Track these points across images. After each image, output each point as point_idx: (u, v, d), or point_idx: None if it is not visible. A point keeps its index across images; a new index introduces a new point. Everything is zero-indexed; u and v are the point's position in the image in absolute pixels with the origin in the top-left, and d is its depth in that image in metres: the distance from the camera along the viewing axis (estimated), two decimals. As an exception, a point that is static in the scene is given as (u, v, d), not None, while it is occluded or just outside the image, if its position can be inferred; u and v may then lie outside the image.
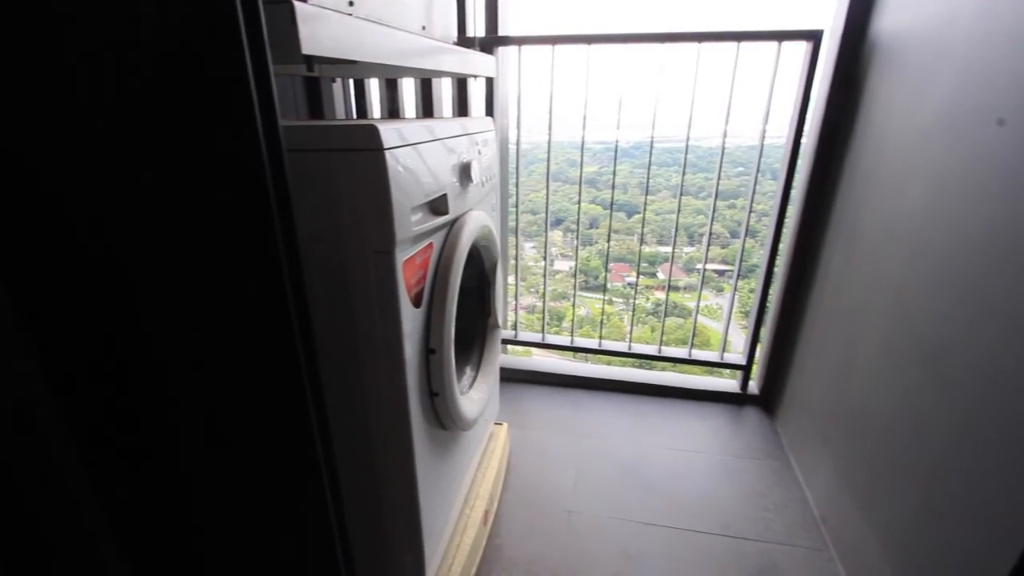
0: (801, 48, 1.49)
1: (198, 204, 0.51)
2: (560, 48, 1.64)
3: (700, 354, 1.97)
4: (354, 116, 1.72)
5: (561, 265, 4.62)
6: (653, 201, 3.87)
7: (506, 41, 1.65)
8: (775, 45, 1.51)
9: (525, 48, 1.67)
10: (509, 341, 2.13)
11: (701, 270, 1.98)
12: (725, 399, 1.91)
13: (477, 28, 1.65)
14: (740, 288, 1.95)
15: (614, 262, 4.27)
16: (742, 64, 1.55)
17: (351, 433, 0.84)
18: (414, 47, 0.93)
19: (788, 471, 1.55)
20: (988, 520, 0.80)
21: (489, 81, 1.68)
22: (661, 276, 4.73)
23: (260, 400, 0.59)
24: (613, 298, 4.16)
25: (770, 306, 1.80)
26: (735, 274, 1.86)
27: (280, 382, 0.57)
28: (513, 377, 2.03)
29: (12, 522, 0.63)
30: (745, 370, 1.89)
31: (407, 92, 1.72)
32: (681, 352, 1.99)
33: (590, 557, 1.27)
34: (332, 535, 0.66)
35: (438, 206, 0.86)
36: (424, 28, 1.09)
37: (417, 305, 0.82)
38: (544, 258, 2.12)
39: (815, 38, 1.45)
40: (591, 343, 2.05)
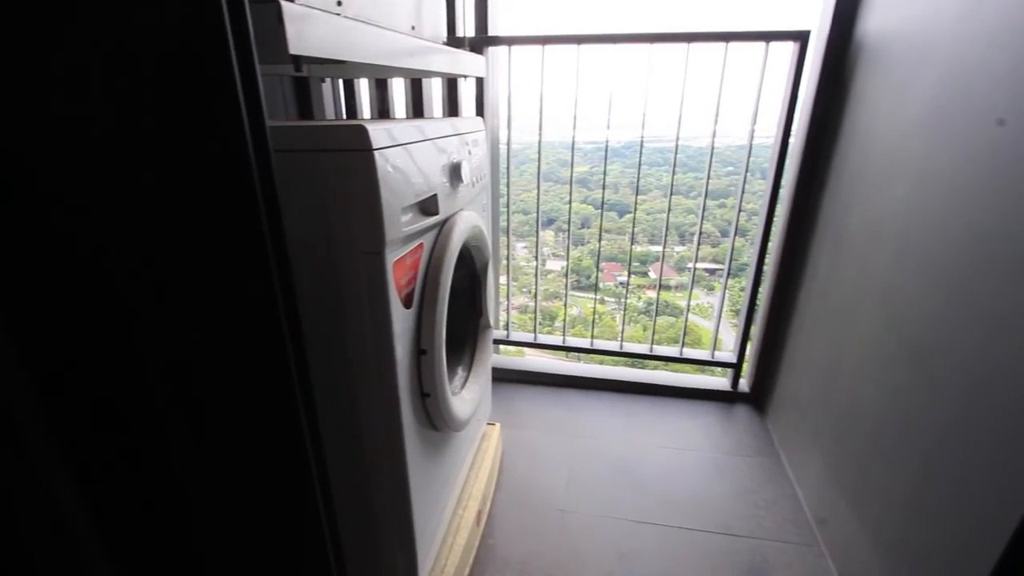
0: (788, 48, 1.50)
1: (184, 205, 0.50)
2: (550, 48, 1.64)
3: (691, 353, 1.98)
4: (344, 116, 1.72)
5: (553, 265, 4.63)
6: (644, 201, 3.89)
7: (496, 41, 1.65)
8: (763, 45, 1.52)
9: (515, 48, 1.67)
10: (501, 341, 2.13)
11: (692, 269, 1.99)
12: (716, 397, 1.93)
13: (467, 28, 1.65)
14: (731, 287, 1.96)
15: (606, 261, 4.29)
16: (731, 64, 1.56)
17: (342, 435, 0.83)
18: (403, 47, 0.93)
19: (779, 468, 1.56)
20: (975, 517, 0.81)
21: (479, 81, 1.68)
22: (652, 275, 4.75)
23: (249, 401, 0.59)
24: (605, 297, 4.18)
25: (760, 305, 1.81)
26: (725, 273, 1.87)
27: (269, 383, 0.57)
28: (506, 377, 2.03)
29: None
30: (736, 368, 1.91)
31: (397, 92, 1.72)
32: (672, 351, 2.00)
33: (583, 556, 1.27)
34: (323, 537, 0.65)
35: (428, 206, 0.86)
36: (413, 28, 1.09)
37: (408, 306, 0.82)
38: (536, 258, 2.13)
39: (802, 39, 1.46)
40: (583, 342, 2.06)
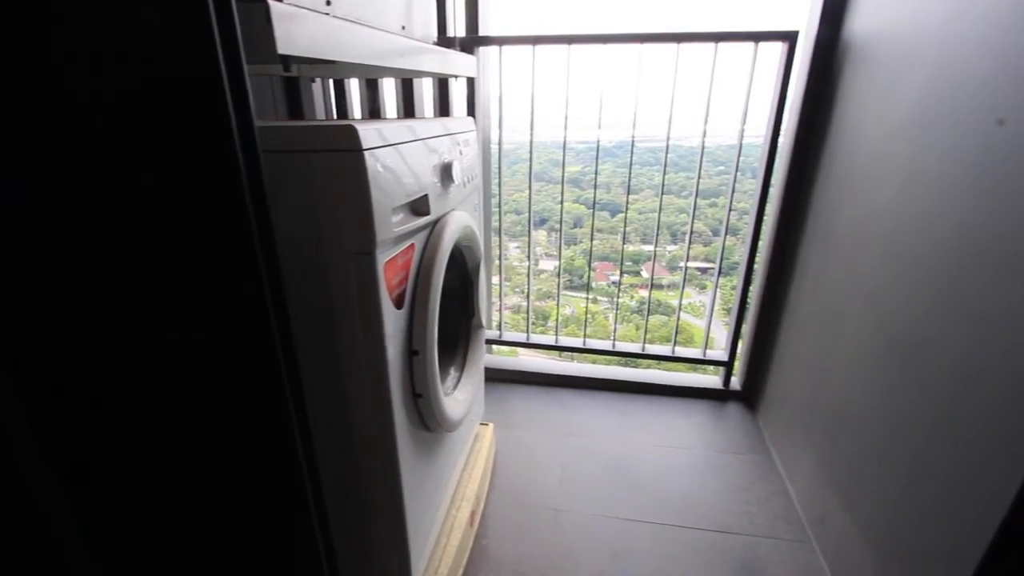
0: (777, 49, 1.51)
1: (171, 206, 0.50)
2: (541, 48, 1.64)
3: (683, 351, 1.99)
4: (334, 117, 1.71)
5: (546, 264, 4.63)
6: (636, 200, 3.90)
7: (487, 41, 1.65)
8: (752, 46, 1.53)
9: (506, 48, 1.67)
10: (494, 341, 2.13)
11: (684, 268, 2.00)
12: (708, 395, 1.94)
13: (457, 28, 1.65)
14: (722, 285, 1.97)
15: (598, 261, 4.30)
16: (721, 64, 1.57)
17: (334, 436, 0.83)
18: (393, 47, 0.93)
19: (770, 465, 1.57)
20: (965, 514, 0.82)
21: (470, 81, 1.68)
22: (645, 274, 4.77)
23: (239, 402, 0.58)
24: (598, 297, 4.20)
25: (751, 303, 1.83)
26: (716, 272, 1.88)
27: (259, 384, 0.56)
28: (499, 377, 2.03)
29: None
30: (727, 366, 1.92)
31: (388, 93, 1.71)
32: (665, 350, 2.01)
33: (577, 555, 1.28)
34: (315, 538, 0.65)
35: (419, 207, 0.86)
36: (404, 28, 1.09)
37: (399, 306, 0.82)
38: (528, 258, 2.13)
39: (790, 39, 1.47)
40: (576, 342, 2.06)
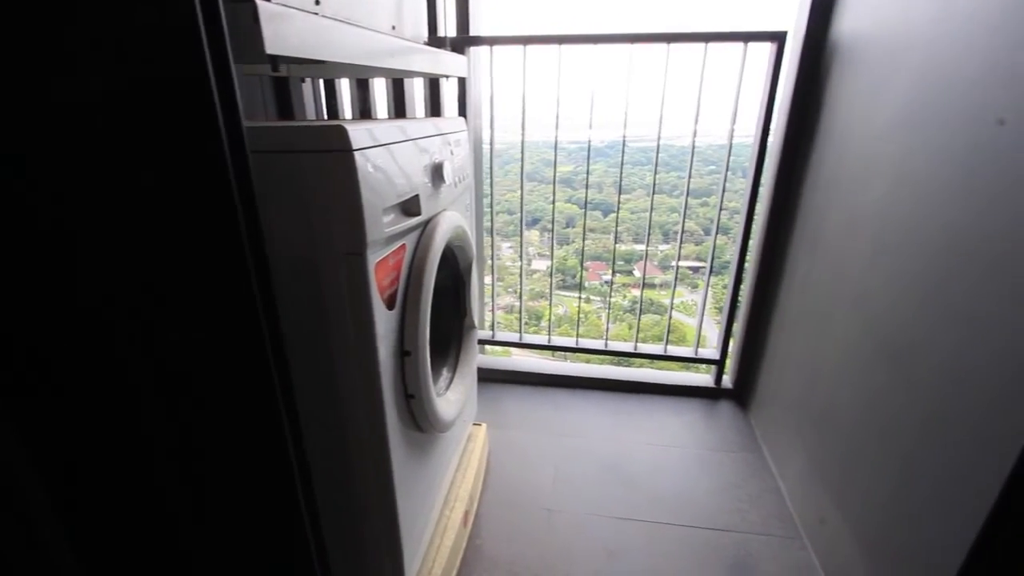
0: (766, 49, 1.52)
1: (158, 207, 0.49)
2: (532, 48, 1.64)
3: (675, 350, 2.00)
4: (325, 117, 1.70)
5: (538, 264, 4.64)
6: (628, 200, 3.91)
7: (478, 41, 1.65)
8: (741, 46, 1.54)
9: (497, 48, 1.67)
10: (487, 341, 2.12)
11: (675, 267, 2.00)
12: (700, 394, 1.95)
13: (448, 28, 1.65)
14: (714, 284, 1.98)
15: (591, 261, 4.30)
16: (710, 64, 1.58)
17: (326, 437, 0.83)
18: (383, 47, 0.93)
19: (762, 463, 1.59)
20: (952, 511, 0.83)
21: (461, 81, 1.68)
22: (637, 274, 4.79)
23: (229, 403, 0.58)
24: (590, 296, 4.20)
25: (742, 302, 1.84)
26: (708, 270, 1.89)
27: (249, 385, 0.56)
28: (491, 377, 2.03)
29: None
30: (719, 365, 1.93)
31: (379, 93, 1.71)
32: (657, 348, 2.02)
33: (571, 555, 1.28)
34: (308, 540, 0.65)
35: (410, 207, 0.85)
36: (394, 28, 1.09)
37: (391, 307, 0.81)
38: (521, 258, 2.13)
39: (779, 39, 1.49)
40: (569, 342, 2.07)
